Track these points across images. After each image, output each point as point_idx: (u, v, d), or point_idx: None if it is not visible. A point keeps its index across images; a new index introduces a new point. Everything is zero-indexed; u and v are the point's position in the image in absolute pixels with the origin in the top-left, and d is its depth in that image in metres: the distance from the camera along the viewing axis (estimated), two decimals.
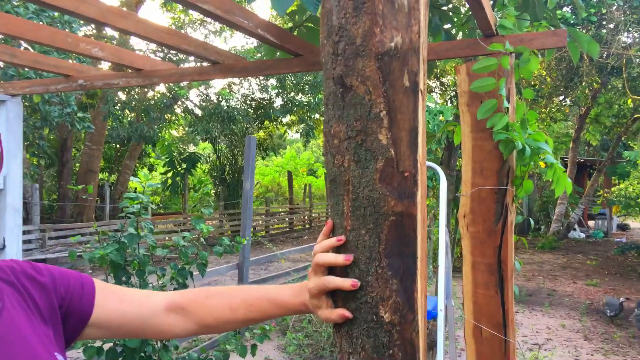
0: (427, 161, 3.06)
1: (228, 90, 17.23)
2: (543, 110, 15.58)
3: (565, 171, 2.61)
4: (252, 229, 6.63)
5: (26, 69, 6.82)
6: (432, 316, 2.93)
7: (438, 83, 16.81)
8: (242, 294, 1.09)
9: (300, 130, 17.99)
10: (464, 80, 2.65)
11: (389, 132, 0.90)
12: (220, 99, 16.62)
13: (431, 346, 3.02)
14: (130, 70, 3.32)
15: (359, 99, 0.92)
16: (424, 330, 0.94)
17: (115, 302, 1.02)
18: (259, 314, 1.07)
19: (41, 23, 4.69)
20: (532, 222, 4.44)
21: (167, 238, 13.28)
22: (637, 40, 13.22)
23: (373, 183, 0.91)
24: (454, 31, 3.63)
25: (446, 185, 2.81)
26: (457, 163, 9.10)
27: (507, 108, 2.51)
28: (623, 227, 21.43)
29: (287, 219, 20.47)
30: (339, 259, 0.95)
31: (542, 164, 2.84)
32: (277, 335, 6.38)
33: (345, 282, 0.93)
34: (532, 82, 14.13)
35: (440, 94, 16.80)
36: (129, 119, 16.16)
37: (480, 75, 2.53)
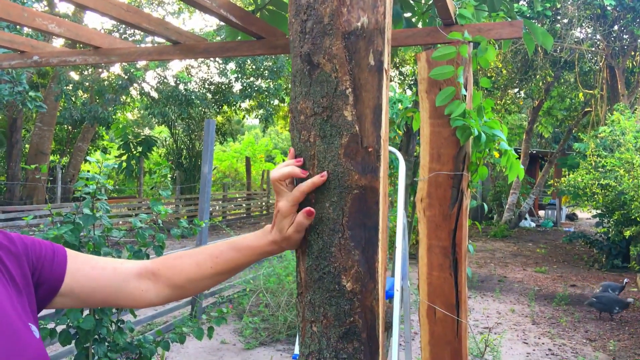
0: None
1: (186, 74, 16.96)
2: (498, 102, 15.96)
3: (519, 159, 2.71)
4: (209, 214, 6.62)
5: None
6: (388, 296, 3.01)
7: (397, 72, 16.98)
8: (208, 250, 1.09)
9: (259, 116, 17.88)
10: (424, 67, 2.71)
11: (354, 109, 0.93)
12: (178, 82, 16.35)
13: (387, 327, 3.10)
14: (88, 48, 3.25)
15: (325, 77, 0.95)
16: (383, 299, 0.99)
17: (87, 269, 1.02)
18: (226, 264, 1.07)
19: None
20: (486, 206, 4.56)
21: (120, 222, 13.05)
22: (590, 35, 13.66)
23: (338, 158, 0.94)
24: (414, 19, 3.70)
25: (405, 170, 2.87)
26: (416, 149, 9.25)
27: (465, 96, 2.58)
28: (571, 217, 22.23)
29: (244, 205, 20.38)
30: (296, 170, 0.97)
31: (496, 154, 2.94)
32: (234, 319, 6.39)
33: (316, 178, 0.96)
34: (489, 74, 14.44)
35: (399, 83, 16.97)
36: (82, 99, 15.74)
37: (439, 63, 2.59)
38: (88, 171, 16.74)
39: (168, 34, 3.01)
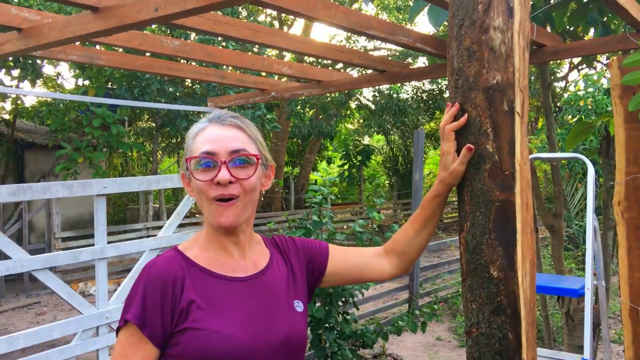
0: (578, 154, 3.23)
1: (399, 85, 17.65)
2: None
3: None
4: None
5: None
6: (579, 294, 3.09)
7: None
8: (410, 220, 1.51)
9: None
10: (616, 73, 2.78)
11: (493, 143, 1.27)
12: (391, 93, 17.12)
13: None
14: (311, 82, 3.91)
15: (472, 120, 1.30)
16: (526, 285, 1.29)
17: (340, 254, 1.51)
18: (418, 222, 1.47)
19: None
20: None
21: (345, 227, 14.14)
22: None
23: (483, 179, 1.28)
24: (616, 21, 3.66)
25: (593, 175, 2.95)
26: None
27: None
28: None
29: None
30: (460, 120, 1.31)
31: None
32: (449, 318, 6.70)
33: (458, 119, 1.32)
34: None
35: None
36: (309, 116, 17.40)
37: (632, 69, 2.64)
38: (315, 181, 18.32)
39: (375, 65, 3.51)
